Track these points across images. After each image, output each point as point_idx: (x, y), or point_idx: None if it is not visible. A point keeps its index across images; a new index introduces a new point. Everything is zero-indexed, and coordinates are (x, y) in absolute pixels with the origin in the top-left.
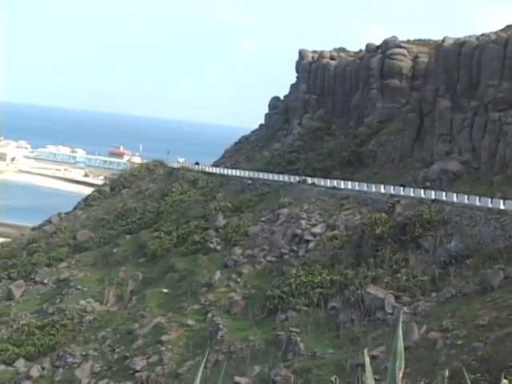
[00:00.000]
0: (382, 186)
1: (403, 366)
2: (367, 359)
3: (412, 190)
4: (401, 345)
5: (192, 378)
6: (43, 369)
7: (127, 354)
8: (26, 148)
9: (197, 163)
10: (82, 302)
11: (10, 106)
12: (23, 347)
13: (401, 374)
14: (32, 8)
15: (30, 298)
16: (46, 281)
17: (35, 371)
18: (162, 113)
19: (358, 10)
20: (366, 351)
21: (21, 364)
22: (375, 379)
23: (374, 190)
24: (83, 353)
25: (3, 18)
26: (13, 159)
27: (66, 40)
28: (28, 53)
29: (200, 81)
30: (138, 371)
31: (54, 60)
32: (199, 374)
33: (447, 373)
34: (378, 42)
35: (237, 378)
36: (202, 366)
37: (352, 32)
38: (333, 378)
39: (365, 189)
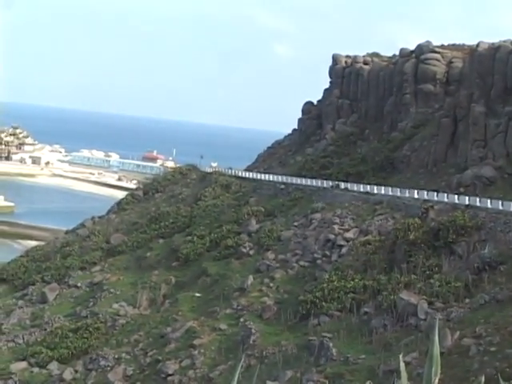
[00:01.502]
0: (416, 192)
1: (439, 371)
2: (402, 364)
3: (446, 195)
4: (437, 350)
5: (227, 383)
6: (76, 372)
7: (160, 358)
8: (60, 152)
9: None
10: (115, 306)
11: (40, 109)
12: (57, 350)
13: (437, 380)
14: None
15: (64, 301)
16: (79, 284)
17: (68, 374)
18: (197, 117)
19: (392, 15)
20: (401, 356)
21: (54, 367)
22: None
23: (407, 195)
24: (116, 356)
25: (4, 17)
26: (47, 163)
27: (95, 45)
28: (53, 54)
29: (234, 86)
30: (170, 375)
31: (85, 63)
32: (235, 379)
33: (483, 379)
34: (412, 47)
35: (269, 383)
36: (239, 370)
37: (386, 37)
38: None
39: (398, 194)
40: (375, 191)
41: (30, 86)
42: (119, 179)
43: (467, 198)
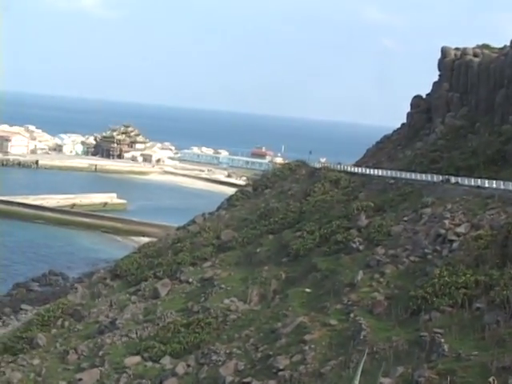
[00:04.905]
0: None
1: None
2: None
3: None
4: None
5: (351, 378)
6: (188, 366)
7: (270, 353)
8: (170, 149)
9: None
10: (226, 301)
11: (148, 108)
12: (169, 344)
13: None
14: None
15: (176, 296)
16: (190, 280)
17: (181, 368)
18: (304, 113)
19: (502, 4)
20: None
21: (167, 361)
22: None
23: None
24: (227, 351)
25: None
26: (158, 160)
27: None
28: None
29: (342, 80)
30: (281, 370)
31: (187, 62)
32: (359, 373)
33: None
34: None
35: (380, 379)
36: (361, 366)
37: (496, 28)
38: (491, 379)
39: (510, 188)
40: (486, 185)
41: (139, 86)
42: (229, 176)
43: None
